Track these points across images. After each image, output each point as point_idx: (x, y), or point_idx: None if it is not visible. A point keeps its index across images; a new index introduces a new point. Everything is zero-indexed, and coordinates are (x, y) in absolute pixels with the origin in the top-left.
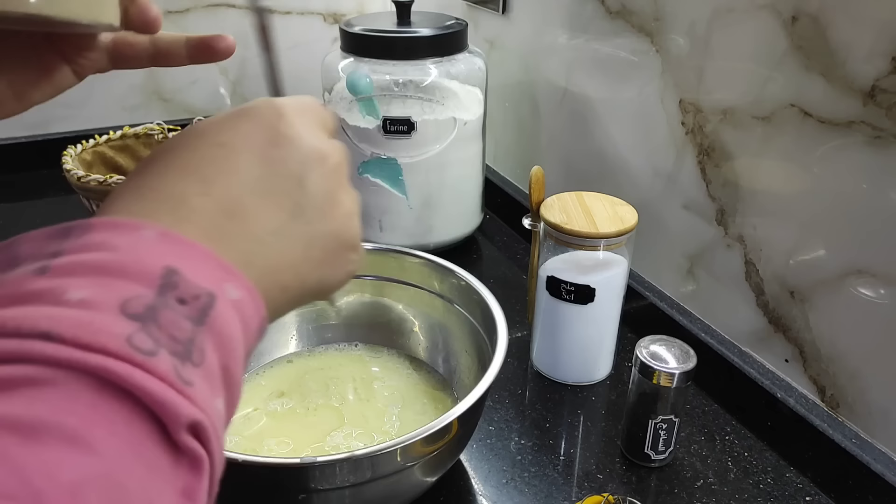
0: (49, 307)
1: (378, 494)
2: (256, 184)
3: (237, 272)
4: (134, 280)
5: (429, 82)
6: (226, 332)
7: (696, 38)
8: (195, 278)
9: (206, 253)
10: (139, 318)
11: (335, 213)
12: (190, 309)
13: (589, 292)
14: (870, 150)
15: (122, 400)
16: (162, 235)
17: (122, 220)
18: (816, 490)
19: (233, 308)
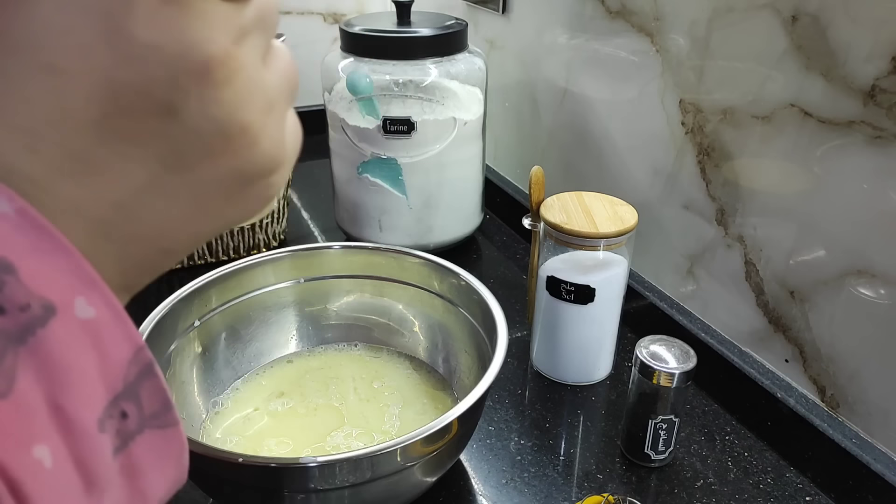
0: None
1: (378, 495)
2: (104, 124)
3: (98, 283)
4: None
5: (429, 82)
6: (59, 360)
7: (696, 38)
8: (31, 283)
9: (66, 250)
10: None
11: (231, 145)
12: (7, 321)
13: (589, 292)
14: (870, 150)
15: None
16: (19, 212)
17: None
18: (816, 490)
19: (80, 331)
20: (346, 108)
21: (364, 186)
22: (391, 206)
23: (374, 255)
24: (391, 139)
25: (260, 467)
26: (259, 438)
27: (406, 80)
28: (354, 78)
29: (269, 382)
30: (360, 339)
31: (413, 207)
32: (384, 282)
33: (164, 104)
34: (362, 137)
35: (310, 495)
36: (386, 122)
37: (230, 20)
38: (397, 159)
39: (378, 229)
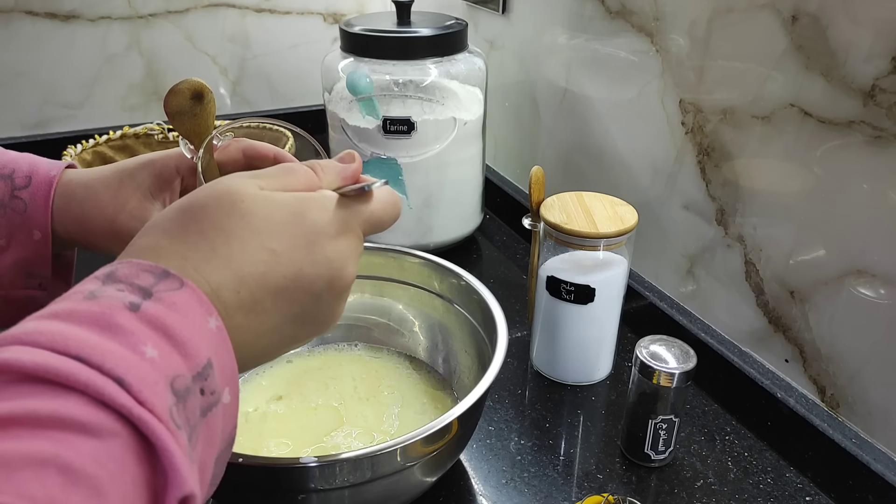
0: (128, 353)
1: (378, 494)
2: (280, 293)
3: (237, 379)
4: (187, 359)
5: (429, 82)
6: (213, 430)
7: (696, 38)
8: (218, 375)
9: (232, 358)
10: (178, 395)
11: (324, 327)
12: (204, 401)
13: (589, 292)
14: (870, 150)
15: (146, 461)
16: (218, 331)
17: (204, 296)
18: (816, 490)
19: (222, 411)
20: (346, 108)
21: None
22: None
23: (374, 255)
24: (391, 139)
25: (260, 467)
26: (259, 439)
27: (406, 80)
28: (354, 78)
29: (268, 383)
30: (360, 339)
31: (413, 207)
32: (384, 282)
33: (317, 292)
34: (362, 137)
35: (310, 495)
36: (386, 122)
37: (357, 259)
38: (397, 159)
39: None
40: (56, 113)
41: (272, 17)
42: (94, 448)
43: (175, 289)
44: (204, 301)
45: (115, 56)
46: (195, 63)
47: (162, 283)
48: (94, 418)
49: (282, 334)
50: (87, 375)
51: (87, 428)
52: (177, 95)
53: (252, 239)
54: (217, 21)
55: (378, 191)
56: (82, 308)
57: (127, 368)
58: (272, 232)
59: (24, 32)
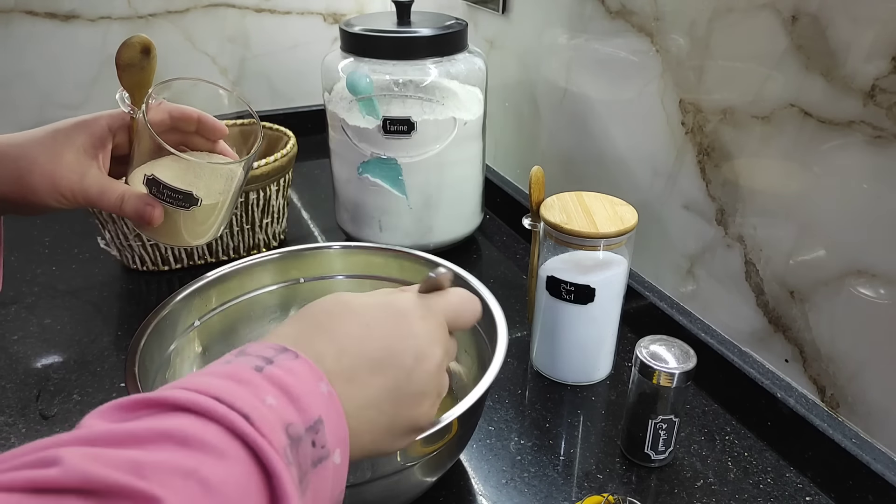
0: (253, 398)
1: (378, 494)
2: (375, 364)
3: (347, 444)
4: (300, 412)
5: (429, 82)
6: (322, 483)
7: (696, 38)
8: (328, 433)
9: (343, 422)
10: (292, 439)
11: (422, 403)
12: (315, 452)
13: (589, 292)
14: (870, 150)
15: (264, 486)
16: (329, 395)
17: (315, 366)
18: (816, 490)
19: (332, 469)
20: (346, 108)
21: (364, 186)
22: (391, 206)
23: (374, 255)
24: (391, 139)
25: None
26: None
27: (406, 80)
28: (354, 78)
29: None
30: None
31: (413, 207)
32: (384, 282)
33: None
34: (362, 137)
35: None
36: (386, 122)
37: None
38: (397, 159)
39: (378, 229)
40: (56, 113)
41: (272, 17)
42: (225, 469)
43: (291, 359)
44: (315, 370)
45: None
46: (195, 63)
47: (281, 355)
48: (226, 445)
49: (381, 411)
50: (223, 410)
51: (221, 452)
52: (129, 48)
53: (351, 318)
54: (217, 21)
55: (456, 289)
56: (220, 368)
57: (252, 408)
58: (367, 314)
59: (24, 32)
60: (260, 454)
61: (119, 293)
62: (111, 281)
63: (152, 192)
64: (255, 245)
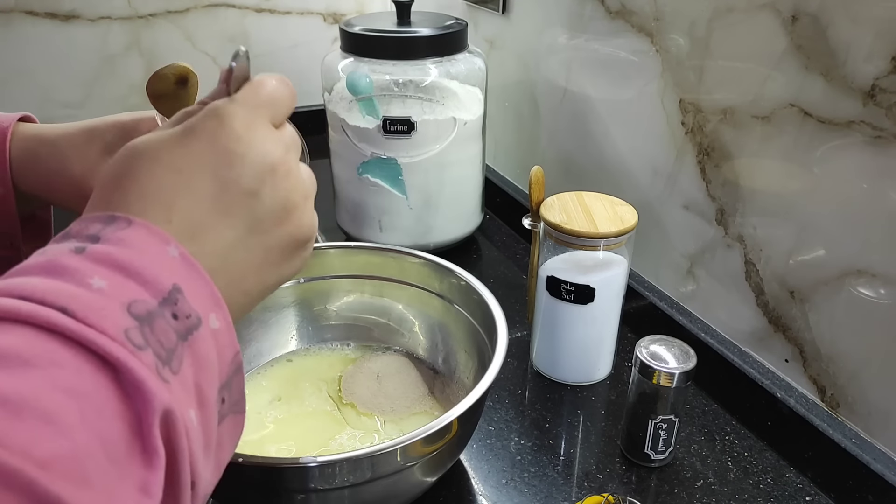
0: (73, 286)
1: (378, 494)
2: (213, 204)
3: (222, 304)
4: (145, 286)
5: (429, 82)
6: (202, 353)
7: (696, 38)
8: (191, 301)
9: (207, 282)
10: (138, 319)
11: (290, 217)
12: (179, 325)
13: (589, 292)
14: (870, 150)
15: (105, 384)
16: (181, 257)
17: (157, 228)
18: (816, 490)
19: (211, 336)
20: (346, 108)
21: (364, 186)
22: (391, 206)
23: (374, 255)
24: (391, 139)
25: (260, 467)
26: (260, 443)
27: (406, 80)
28: (354, 78)
29: (269, 383)
30: (359, 338)
31: (413, 207)
32: (384, 282)
33: (247, 188)
34: (362, 137)
35: (310, 495)
36: (386, 122)
37: (279, 140)
38: (397, 159)
39: (378, 229)
40: (56, 113)
41: (272, 17)
42: (41, 377)
43: (123, 228)
44: (157, 232)
45: (115, 56)
46: (195, 63)
47: (109, 227)
48: (37, 349)
49: (247, 247)
50: (29, 308)
51: (29, 360)
52: (161, 80)
53: (154, 167)
54: (217, 21)
55: (259, 76)
56: (32, 262)
57: (70, 299)
58: (169, 154)
59: (24, 32)
60: (91, 347)
61: None
62: None
63: None
64: None
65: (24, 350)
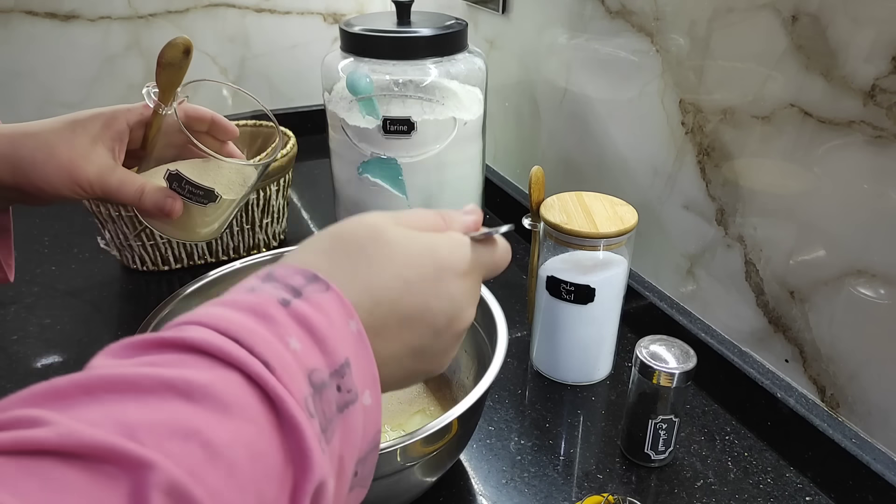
0: (276, 341)
1: (378, 494)
2: (406, 320)
3: (377, 383)
4: (326, 355)
5: (429, 82)
6: (351, 427)
7: (696, 38)
8: (355, 376)
9: (371, 361)
10: (315, 387)
11: (444, 360)
12: (340, 397)
13: (589, 292)
14: (870, 150)
15: (279, 447)
16: (358, 333)
17: (346, 300)
18: (816, 490)
19: (362, 411)
20: (346, 108)
21: (364, 186)
22: (391, 206)
23: None
24: (391, 139)
25: None
26: None
27: (406, 80)
28: (354, 78)
29: None
30: None
31: (413, 207)
32: None
33: (438, 328)
34: (362, 137)
35: None
36: (386, 122)
37: (477, 297)
38: (397, 159)
39: None
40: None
41: (272, 17)
42: (235, 429)
43: (321, 291)
44: (346, 305)
45: (114, 56)
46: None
47: (311, 286)
48: (239, 398)
49: (401, 366)
50: (241, 356)
51: (231, 407)
52: (174, 48)
53: (390, 266)
54: (217, 21)
55: (501, 241)
56: (244, 298)
57: (274, 354)
58: (407, 263)
59: (24, 32)
60: (280, 407)
61: (119, 293)
62: (111, 281)
63: (172, 187)
64: (255, 245)
65: (228, 396)
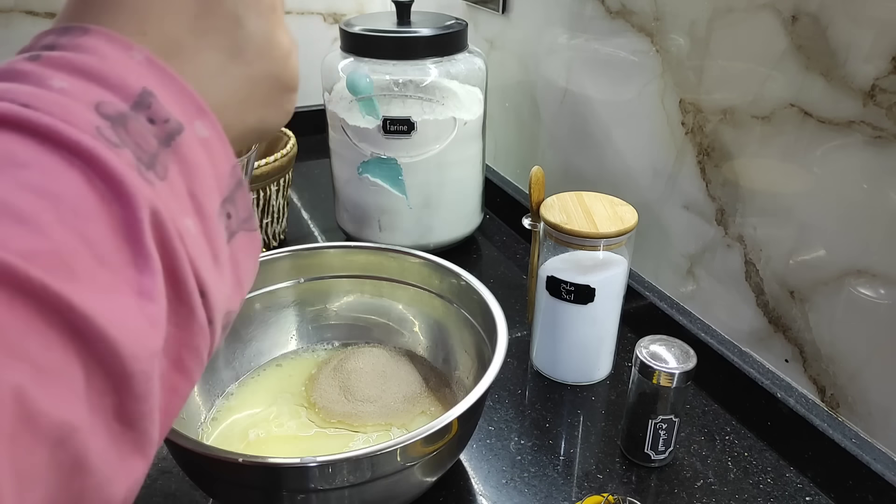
0: (32, 87)
1: (378, 494)
2: (193, 23)
3: (209, 112)
4: (112, 90)
5: (429, 82)
6: (191, 161)
7: (696, 38)
8: (168, 105)
9: (184, 87)
10: (110, 119)
11: (274, 53)
12: (157, 129)
13: (589, 292)
14: (870, 150)
15: (79, 182)
16: (148, 60)
17: (117, 34)
18: (816, 490)
19: (200, 144)
20: (346, 108)
21: (364, 186)
22: (391, 206)
23: (374, 255)
24: (391, 139)
25: (260, 467)
26: (260, 445)
27: (406, 80)
28: (354, 78)
29: (269, 383)
30: (359, 338)
31: (413, 207)
32: (384, 282)
33: (233, 13)
34: (362, 137)
35: (310, 495)
36: (386, 122)
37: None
38: (397, 159)
39: (378, 229)
40: None
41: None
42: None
43: (78, 36)
44: (117, 38)
45: None
46: None
47: (64, 37)
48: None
49: (230, 78)
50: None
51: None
52: None
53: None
54: None
55: None
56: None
57: (30, 96)
58: None
59: (24, 32)
60: (57, 139)
61: None
62: None
63: None
64: None
65: None
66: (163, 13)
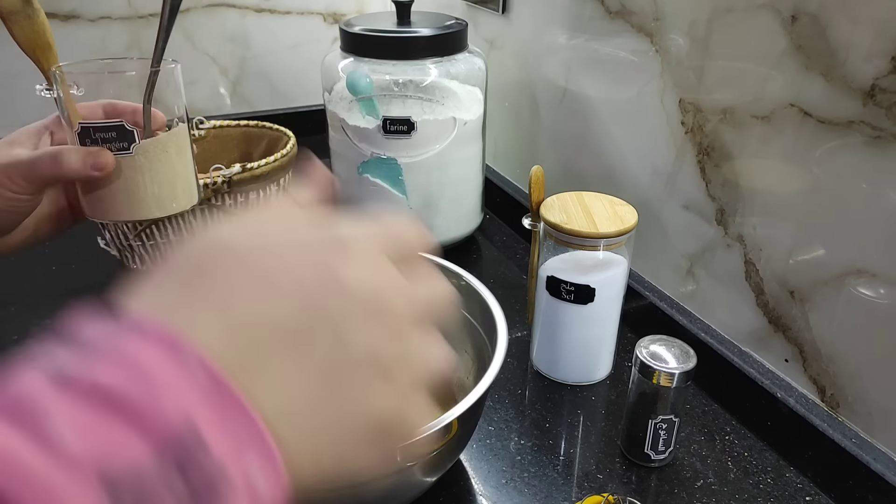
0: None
1: (378, 494)
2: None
3: (264, 433)
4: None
5: (429, 82)
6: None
7: (696, 38)
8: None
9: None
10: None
11: (384, 386)
12: (187, 486)
13: (589, 292)
14: (870, 150)
15: None
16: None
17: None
18: (816, 490)
19: (246, 494)
20: (346, 108)
21: (364, 186)
22: (391, 206)
23: None
24: (391, 139)
25: None
26: None
27: (406, 80)
28: (354, 78)
29: None
30: None
31: (413, 207)
32: None
33: (334, 330)
34: (362, 137)
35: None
36: (386, 122)
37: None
38: (397, 159)
39: None
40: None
41: (272, 17)
42: None
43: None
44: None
45: (115, 56)
46: (195, 63)
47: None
48: None
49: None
50: None
51: None
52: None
53: (239, 265)
54: (217, 21)
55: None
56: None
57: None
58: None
59: None
60: None
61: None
62: (111, 281)
63: (87, 144)
64: None
65: None
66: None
